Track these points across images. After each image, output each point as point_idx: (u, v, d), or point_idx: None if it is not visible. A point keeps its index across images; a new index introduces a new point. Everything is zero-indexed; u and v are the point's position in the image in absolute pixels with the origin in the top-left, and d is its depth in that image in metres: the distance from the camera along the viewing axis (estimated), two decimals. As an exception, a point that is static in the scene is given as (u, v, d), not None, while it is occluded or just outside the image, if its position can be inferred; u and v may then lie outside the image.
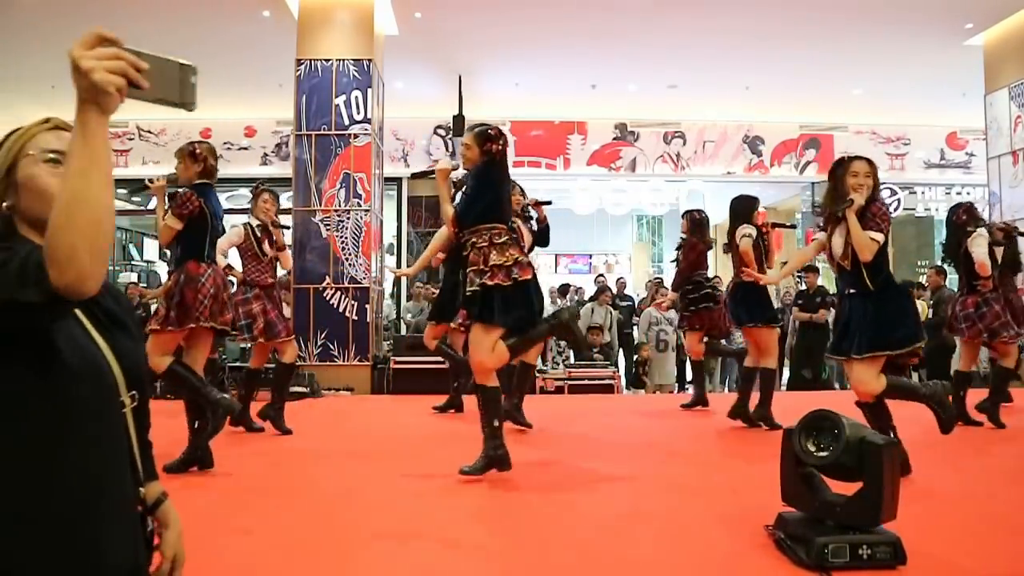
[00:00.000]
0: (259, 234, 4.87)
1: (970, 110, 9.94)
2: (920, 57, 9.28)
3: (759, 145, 12.15)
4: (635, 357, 8.98)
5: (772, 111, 11.59)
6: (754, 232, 5.16)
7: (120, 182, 12.62)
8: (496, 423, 3.59)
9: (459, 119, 10.26)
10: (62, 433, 0.98)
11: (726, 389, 9.19)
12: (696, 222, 5.83)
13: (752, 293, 5.07)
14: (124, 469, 1.08)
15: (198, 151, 4.04)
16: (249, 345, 5.49)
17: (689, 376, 7.87)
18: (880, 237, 3.47)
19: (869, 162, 3.66)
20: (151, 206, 12.89)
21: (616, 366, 8.49)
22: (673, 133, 12.12)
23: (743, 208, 5.32)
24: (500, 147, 3.74)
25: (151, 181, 4.19)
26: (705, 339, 5.86)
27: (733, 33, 8.69)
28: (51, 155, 1.10)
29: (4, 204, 1.09)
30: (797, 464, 2.60)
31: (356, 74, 7.95)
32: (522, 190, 5.21)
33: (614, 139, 12.05)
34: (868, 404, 3.58)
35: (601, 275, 12.15)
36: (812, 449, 2.51)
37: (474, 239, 3.64)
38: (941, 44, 8.99)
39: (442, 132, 11.84)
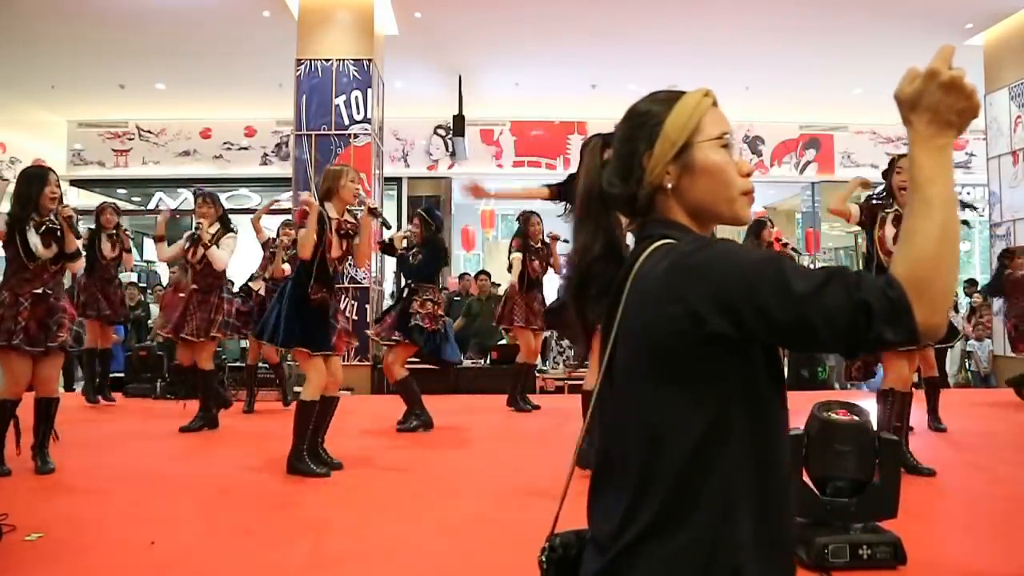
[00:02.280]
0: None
1: (970, 110, 9.94)
2: (920, 57, 9.14)
3: (759, 145, 12.14)
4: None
5: (772, 111, 11.58)
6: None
7: (121, 182, 12.63)
8: None
9: (459, 119, 10.26)
10: (780, 439, 0.94)
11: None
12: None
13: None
14: None
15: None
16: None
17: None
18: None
19: None
20: (151, 206, 12.90)
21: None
22: (673, 133, 12.10)
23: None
24: None
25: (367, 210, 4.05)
26: None
27: (733, 33, 8.69)
28: (728, 139, 0.99)
29: (668, 185, 0.98)
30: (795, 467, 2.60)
31: (356, 74, 7.95)
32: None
33: (614, 139, 12.03)
34: (903, 394, 3.71)
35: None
36: (830, 414, 2.53)
37: None
38: (941, 44, 8.94)
39: (442, 132, 11.84)
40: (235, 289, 6.01)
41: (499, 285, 9.99)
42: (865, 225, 3.92)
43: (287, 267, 5.50)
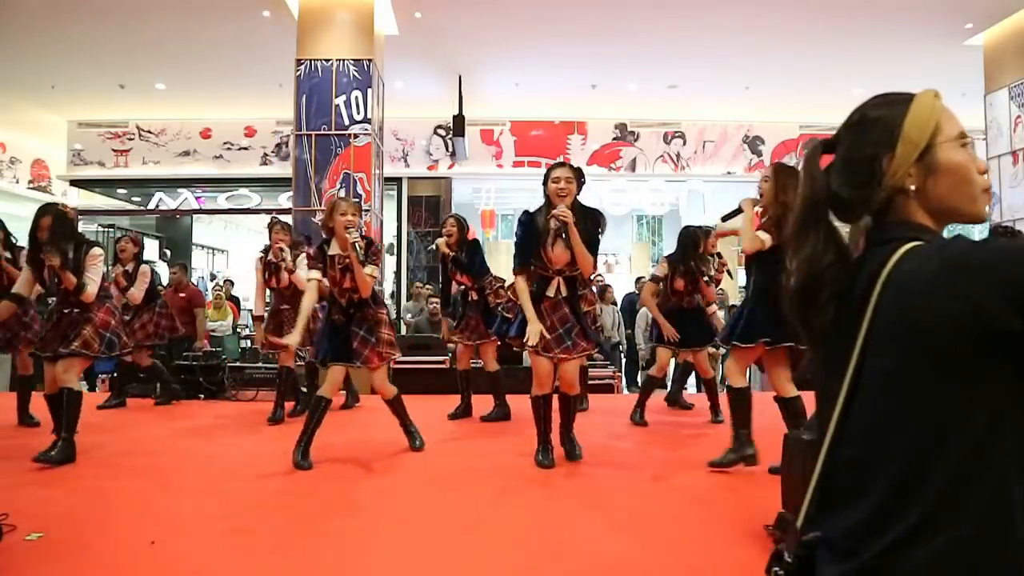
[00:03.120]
0: None
1: (970, 110, 9.94)
2: (920, 57, 9.28)
3: (759, 145, 12.15)
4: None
5: (772, 111, 11.59)
6: None
7: (121, 182, 12.64)
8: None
9: (459, 119, 10.26)
10: None
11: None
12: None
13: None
14: None
15: None
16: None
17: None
18: (765, 237, 3.55)
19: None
20: (151, 206, 12.90)
21: (618, 366, 8.49)
22: (673, 133, 12.12)
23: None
24: None
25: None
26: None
27: (733, 33, 8.69)
28: (967, 140, 1.01)
29: (911, 187, 1.00)
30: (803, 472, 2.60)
31: (356, 74, 7.95)
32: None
33: (614, 139, 12.05)
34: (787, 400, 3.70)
35: (599, 275, 12.13)
36: None
37: None
38: (941, 44, 9.00)
39: (442, 132, 11.84)
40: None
41: (498, 285, 10.00)
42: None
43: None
